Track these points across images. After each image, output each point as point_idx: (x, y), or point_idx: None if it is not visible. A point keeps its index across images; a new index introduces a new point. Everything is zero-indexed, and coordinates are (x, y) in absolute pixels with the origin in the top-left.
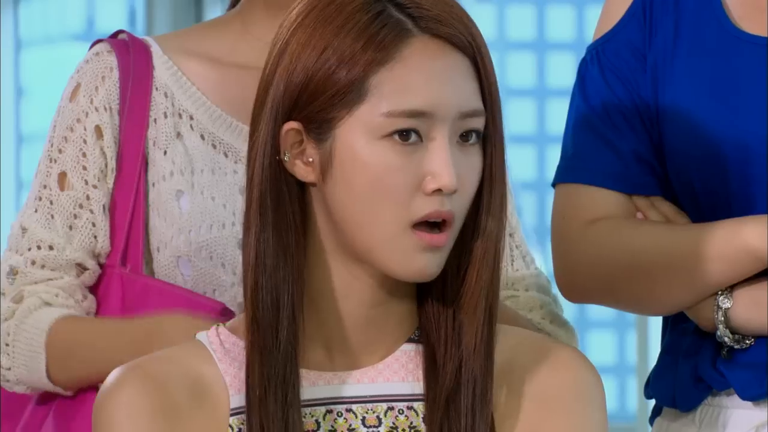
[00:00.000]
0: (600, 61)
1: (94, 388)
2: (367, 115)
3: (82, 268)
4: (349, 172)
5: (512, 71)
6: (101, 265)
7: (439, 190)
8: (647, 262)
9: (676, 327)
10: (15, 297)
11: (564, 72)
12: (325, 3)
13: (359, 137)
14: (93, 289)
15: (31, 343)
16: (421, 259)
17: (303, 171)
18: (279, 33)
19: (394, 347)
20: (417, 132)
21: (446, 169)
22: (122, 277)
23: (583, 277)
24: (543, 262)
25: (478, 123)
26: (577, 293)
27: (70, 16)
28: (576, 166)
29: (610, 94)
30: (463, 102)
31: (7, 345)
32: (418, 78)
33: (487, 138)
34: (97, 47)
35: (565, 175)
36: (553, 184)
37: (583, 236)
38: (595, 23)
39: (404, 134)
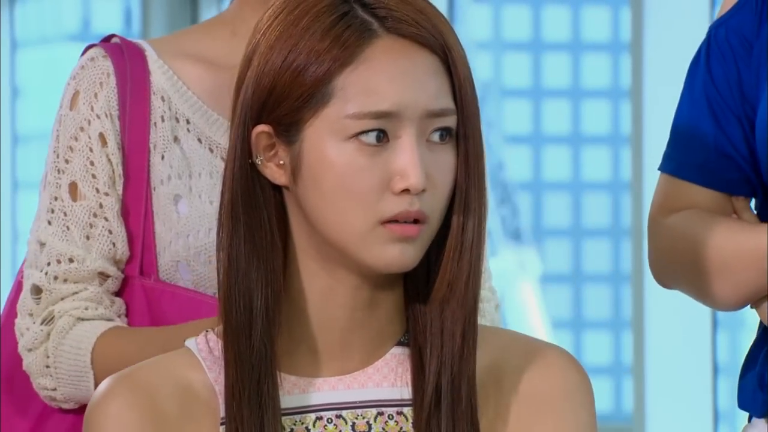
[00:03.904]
0: (709, 47)
1: None
2: (333, 117)
3: (104, 276)
4: (317, 174)
5: (508, 72)
6: (122, 272)
7: (407, 190)
8: (701, 257)
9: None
10: (45, 318)
11: (560, 72)
12: (293, 5)
13: (326, 139)
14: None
15: (76, 363)
16: (394, 250)
17: (275, 173)
18: (252, 35)
19: (383, 350)
20: (384, 132)
21: (413, 168)
22: (145, 287)
23: (658, 264)
24: (540, 262)
25: (448, 122)
26: (657, 278)
27: (65, 17)
28: (670, 156)
29: (710, 86)
30: (430, 101)
31: (47, 367)
32: (382, 79)
33: (460, 137)
34: (91, 52)
35: (662, 163)
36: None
37: (661, 224)
38: (590, 24)
39: (367, 136)
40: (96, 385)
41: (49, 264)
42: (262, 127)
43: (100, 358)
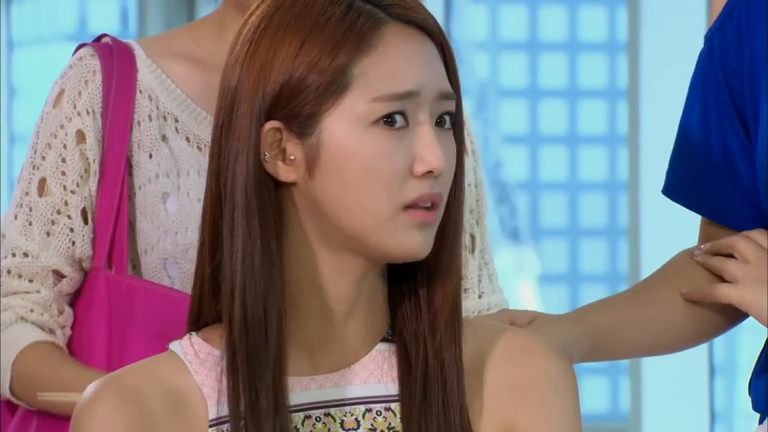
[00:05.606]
0: (706, 55)
1: None
2: (354, 104)
3: (59, 275)
4: (340, 163)
5: (505, 72)
6: (85, 271)
7: (428, 173)
8: None
9: None
10: None
11: (556, 72)
12: (289, 3)
13: (347, 126)
14: (78, 292)
15: (5, 358)
16: (415, 237)
17: (284, 171)
18: (241, 38)
19: (370, 347)
20: (403, 116)
21: (435, 150)
22: (108, 279)
23: None
24: (538, 261)
25: (452, 106)
26: None
27: (62, 17)
28: (666, 173)
29: (705, 97)
30: (440, 83)
31: None
32: (401, 60)
33: (455, 123)
34: (81, 51)
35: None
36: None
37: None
38: (587, 24)
39: (391, 119)
40: (11, 386)
41: (5, 257)
42: (272, 123)
43: (20, 364)
